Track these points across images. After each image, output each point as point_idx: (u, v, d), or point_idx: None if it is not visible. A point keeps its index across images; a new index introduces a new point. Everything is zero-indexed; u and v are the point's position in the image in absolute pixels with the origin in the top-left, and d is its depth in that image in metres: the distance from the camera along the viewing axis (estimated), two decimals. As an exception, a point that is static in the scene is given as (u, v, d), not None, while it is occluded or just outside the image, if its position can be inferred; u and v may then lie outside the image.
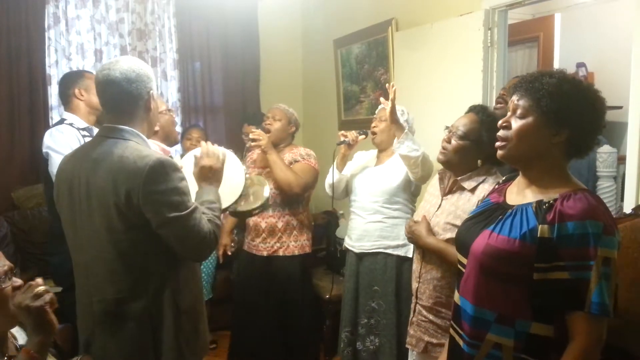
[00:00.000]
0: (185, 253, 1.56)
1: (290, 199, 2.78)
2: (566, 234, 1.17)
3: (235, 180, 1.98)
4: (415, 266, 2.02)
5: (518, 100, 1.28)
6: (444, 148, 1.90)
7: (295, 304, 2.83)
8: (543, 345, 1.22)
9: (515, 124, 1.27)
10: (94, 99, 2.50)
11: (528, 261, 1.21)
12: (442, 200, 1.95)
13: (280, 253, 2.80)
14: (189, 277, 1.66)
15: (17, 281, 1.34)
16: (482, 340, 1.30)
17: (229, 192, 1.91)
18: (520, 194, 1.34)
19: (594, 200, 1.21)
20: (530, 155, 1.28)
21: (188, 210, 1.50)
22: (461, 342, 1.37)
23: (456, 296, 1.42)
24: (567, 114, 1.22)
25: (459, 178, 1.88)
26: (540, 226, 1.21)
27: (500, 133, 1.31)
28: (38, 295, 1.27)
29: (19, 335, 1.44)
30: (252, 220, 2.83)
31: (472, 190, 1.86)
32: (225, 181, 1.84)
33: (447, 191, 1.94)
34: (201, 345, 1.71)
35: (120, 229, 1.49)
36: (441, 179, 1.99)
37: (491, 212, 1.37)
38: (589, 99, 1.24)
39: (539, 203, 1.25)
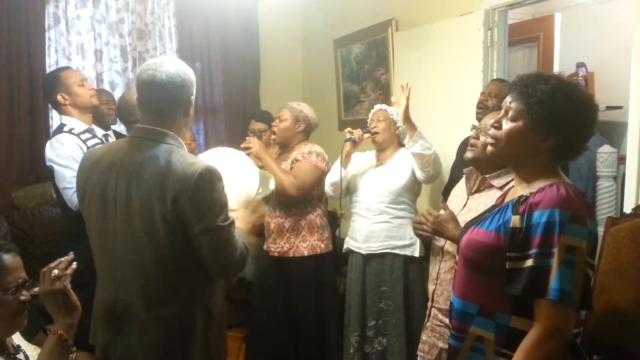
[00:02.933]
0: (215, 266, 1.52)
1: (296, 200, 2.70)
2: (534, 222, 1.19)
3: (250, 184, 1.96)
4: (433, 267, 1.98)
5: (511, 102, 1.29)
6: (472, 145, 1.83)
7: (310, 306, 2.72)
8: (522, 339, 1.22)
9: (506, 125, 1.29)
10: (78, 100, 2.42)
11: (502, 252, 1.24)
12: (467, 199, 1.90)
13: (291, 254, 2.70)
14: (219, 283, 1.67)
15: (26, 295, 1.35)
16: (466, 333, 1.33)
17: (244, 197, 1.89)
18: (513, 192, 1.37)
19: (566, 191, 1.21)
20: (518, 156, 1.31)
21: (229, 222, 1.50)
22: (450, 338, 1.41)
23: (452, 294, 1.45)
24: (555, 122, 1.24)
25: (488, 176, 1.82)
26: (512, 217, 1.24)
27: (491, 132, 1.33)
28: (56, 278, 1.34)
29: (14, 335, 1.44)
30: (265, 221, 2.77)
31: (501, 187, 1.78)
32: (240, 185, 1.84)
33: (474, 190, 1.88)
34: (225, 349, 1.72)
35: (162, 234, 1.47)
36: (468, 179, 1.93)
37: (487, 212, 1.41)
38: (580, 107, 1.25)
39: (520, 197, 1.27)
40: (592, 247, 1.21)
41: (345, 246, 2.78)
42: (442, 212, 1.82)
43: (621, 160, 3.11)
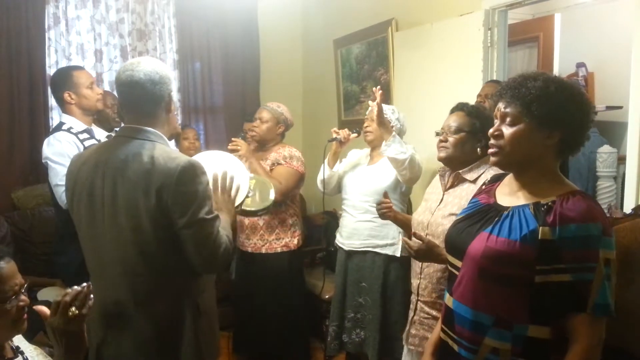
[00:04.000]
0: (199, 259, 1.52)
1: None
2: (569, 236, 1.17)
3: (241, 183, 1.98)
4: (415, 263, 2.03)
5: (506, 107, 1.27)
6: (443, 146, 1.94)
7: (285, 301, 2.87)
8: (540, 347, 1.22)
9: (507, 131, 1.27)
10: (84, 101, 2.44)
11: (529, 263, 1.20)
12: (443, 195, 1.97)
13: (264, 251, 2.83)
14: (208, 279, 1.67)
15: (25, 300, 1.33)
16: (479, 344, 1.28)
17: (236, 195, 1.91)
18: (514, 195, 1.33)
19: (592, 202, 1.22)
20: (524, 160, 1.28)
21: (213, 215, 1.52)
22: (456, 347, 1.35)
23: (447, 298, 1.40)
24: (557, 114, 1.23)
25: (461, 171, 1.92)
26: (540, 228, 1.20)
27: (493, 142, 1.30)
28: (73, 318, 1.23)
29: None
30: (238, 217, 2.84)
31: (474, 181, 1.88)
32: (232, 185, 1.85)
33: (449, 186, 1.96)
34: (216, 345, 1.72)
35: (148, 229, 1.49)
36: (442, 176, 2.02)
37: (484, 214, 1.36)
38: (575, 97, 1.25)
39: (537, 205, 1.24)
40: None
41: (335, 241, 2.83)
42: (415, 241, 1.80)
43: (621, 160, 3.12)
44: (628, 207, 2.15)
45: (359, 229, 2.62)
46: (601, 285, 1.15)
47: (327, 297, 3.21)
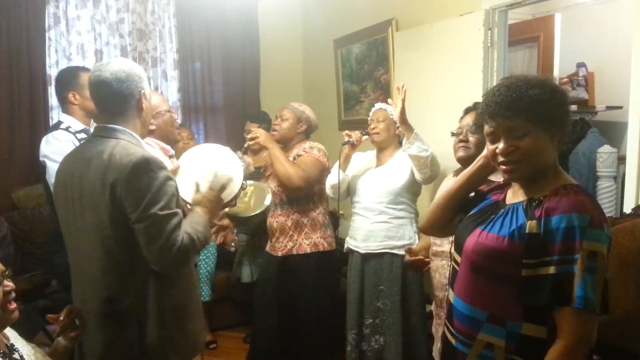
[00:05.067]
0: (149, 255, 1.50)
1: (298, 196, 2.72)
2: (551, 227, 1.17)
3: (233, 179, 1.95)
4: (442, 275, 1.99)
5: (511, 121, 1.23)
6: (464, 146, 1.88)
7: (312, 303, 2.73)
8: (535, 346, 1.22)
9: (522, 144, 1.23)
10: (88, 103, 2.40)
11: (516, 259, 1.21)
12: None
13: (294, 252, 2.72)
14: (178, 276, 1.64)
15: (9, 285, 1.35)
16: (474, 339, 1.30)
17: (227, 191, 1.89)
18: (516, 193, 1.35)
19: (581, 194, 1.21)
20: (540, 166, 1.26)
21: (167, 212, 1.49)
22: (454, 341, 1.37)
23: (450, 293, 1.42)
24: (555, 114, 1.24)
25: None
26: (528, 222, 1.21)
27: (507, 159, 1.26)
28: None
29: (11, 334, 1.44)
30: (267, 221, 2.79)
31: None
32: (223, 179, 1.85)
33: None
34: (191, 345, 1.70)
35: (107, 225, 1.51)
36: (455, 176, 1.97)
37: (487, 211, 1.37)
38: (558, 93, 1.26)
39: (530, 200, 1.25)
40: (608, 250, 1.19)
41: (345, 246, 2.79)
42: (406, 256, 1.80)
43: (621, 160, 3.11)
44: (628, 207, 2.15)
45: (375, 231, 2.60)
46: (581, 277, 1.13)
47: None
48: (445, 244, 1.93)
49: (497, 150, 1.26)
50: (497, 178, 1.76)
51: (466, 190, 1.48)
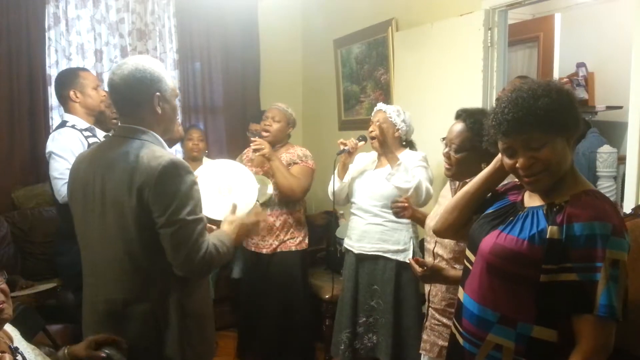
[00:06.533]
0: (175, 260, 1.49)
1: (289, 199, 2.85)
2: (573, 234, 1.17)
3: (248, 198, 1.99)
4: None
5: (526, 135, 1.22)
6: (447, 164, 1.86)
7: (296, 300, 2.89)
8: (545, 350, 1.22)
9: (542, 155, 1.22)
10: (89, 101, 2.51)
11: (535, 263, 1.21)
12: None
13: (279, 250, 2.87)
14: (198, 282, 1.64)
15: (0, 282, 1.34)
16: (483, 340, 1.29)
17: (243, 207, 1.92)
18: (534, 196, 1.33)
19: (603, 202, 1.21)
20: (562, 172, 1.25)
21: (193, 217, 1.48)
22: (461, 340, 1.37)
23: (460, 292, 1.42)
24: (568, 118, 1.23)
25: (468, 180, 1.80)
26: (549, 227, 1.21)
27: (529, 172, 1.24)
28: None
29: (14, 333, 1.43)
30: None
31: None
32: (240, 196, 1.86)
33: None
34: (207, 350, 1.70)
35: (132, 229, 1.49)
36: (452, 182, 1.98)
37: (505, 212, 1.36)
38: (567, 95, 1.25)
39: (550, 205, 1.25)
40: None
41: (343, 245, 2.80)
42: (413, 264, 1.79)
43: (621, 160, 3.11)
44: (628, 207, 2.15)
45: (370, 232, 2.60)
46: (606, 286, 1.13)
47: (327, 297, 3.21)
48: (432, 242, 1.94)
49: (517, 165, 1.25)
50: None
51: (485, 191, 1.48)
